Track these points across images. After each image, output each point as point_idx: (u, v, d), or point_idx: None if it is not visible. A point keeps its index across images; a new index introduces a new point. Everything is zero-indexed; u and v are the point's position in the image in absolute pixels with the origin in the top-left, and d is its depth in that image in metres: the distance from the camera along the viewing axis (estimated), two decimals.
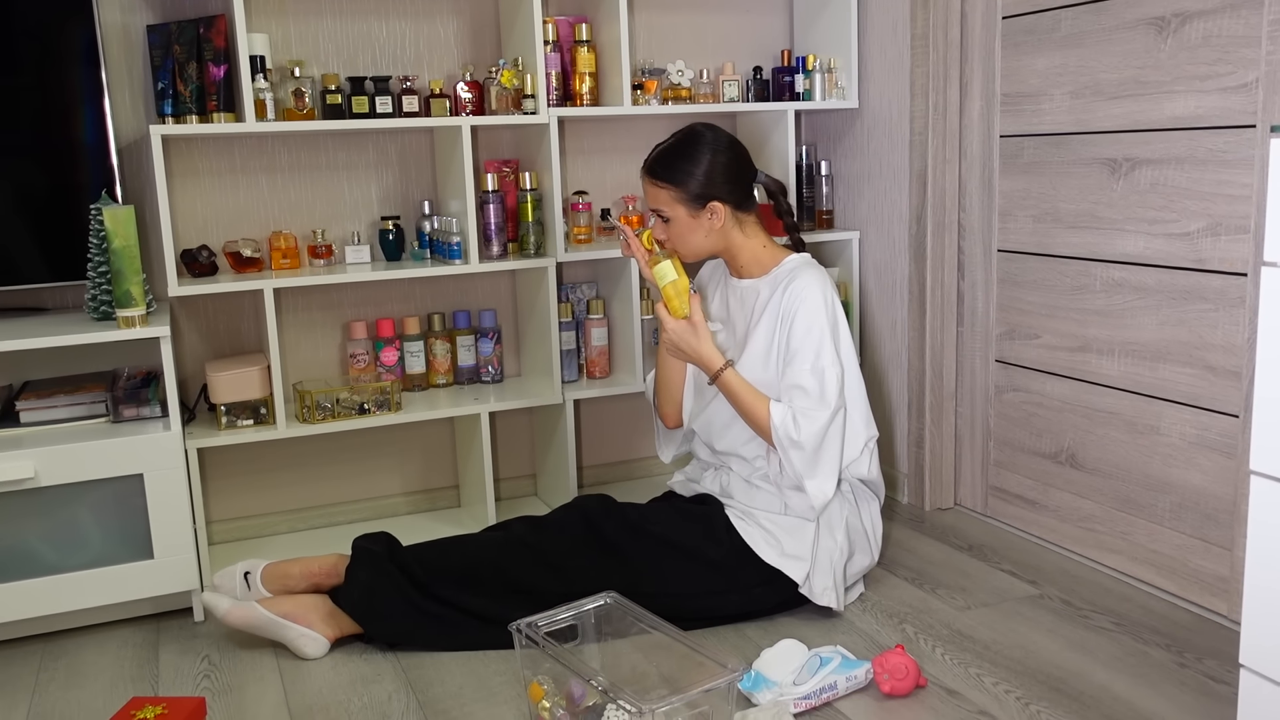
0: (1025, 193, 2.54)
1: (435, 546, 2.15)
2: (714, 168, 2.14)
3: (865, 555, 2.26)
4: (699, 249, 2.20)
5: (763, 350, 2.15)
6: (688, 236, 2.18)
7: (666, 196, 2.15)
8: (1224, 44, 2.04)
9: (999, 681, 1.94)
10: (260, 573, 2.17)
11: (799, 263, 2.20)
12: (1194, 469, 2.19)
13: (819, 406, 2.07)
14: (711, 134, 2.17)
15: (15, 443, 2.14)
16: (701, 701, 1.67)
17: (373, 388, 2.56)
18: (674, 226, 2.17)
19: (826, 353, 2.09)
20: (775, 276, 2.19)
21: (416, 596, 2.07)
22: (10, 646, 2.20)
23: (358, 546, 2.15)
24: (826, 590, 2.14)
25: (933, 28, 2.61)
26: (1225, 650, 2.02)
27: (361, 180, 2.73)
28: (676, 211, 2.15)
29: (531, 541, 2.11)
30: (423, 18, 2.73)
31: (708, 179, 2.13)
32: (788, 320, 2.11)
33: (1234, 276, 2.07)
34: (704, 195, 2.14)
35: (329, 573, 2.17)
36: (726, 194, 2.16)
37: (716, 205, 2.15)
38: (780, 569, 2.11)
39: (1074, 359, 2.45)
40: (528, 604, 1.96)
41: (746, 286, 2.23)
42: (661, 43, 2.97)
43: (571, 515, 2.16)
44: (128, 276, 2.16)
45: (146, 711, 1.81)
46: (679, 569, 2.11)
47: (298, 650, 2.09)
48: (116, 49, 2.47)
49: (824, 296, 2.12)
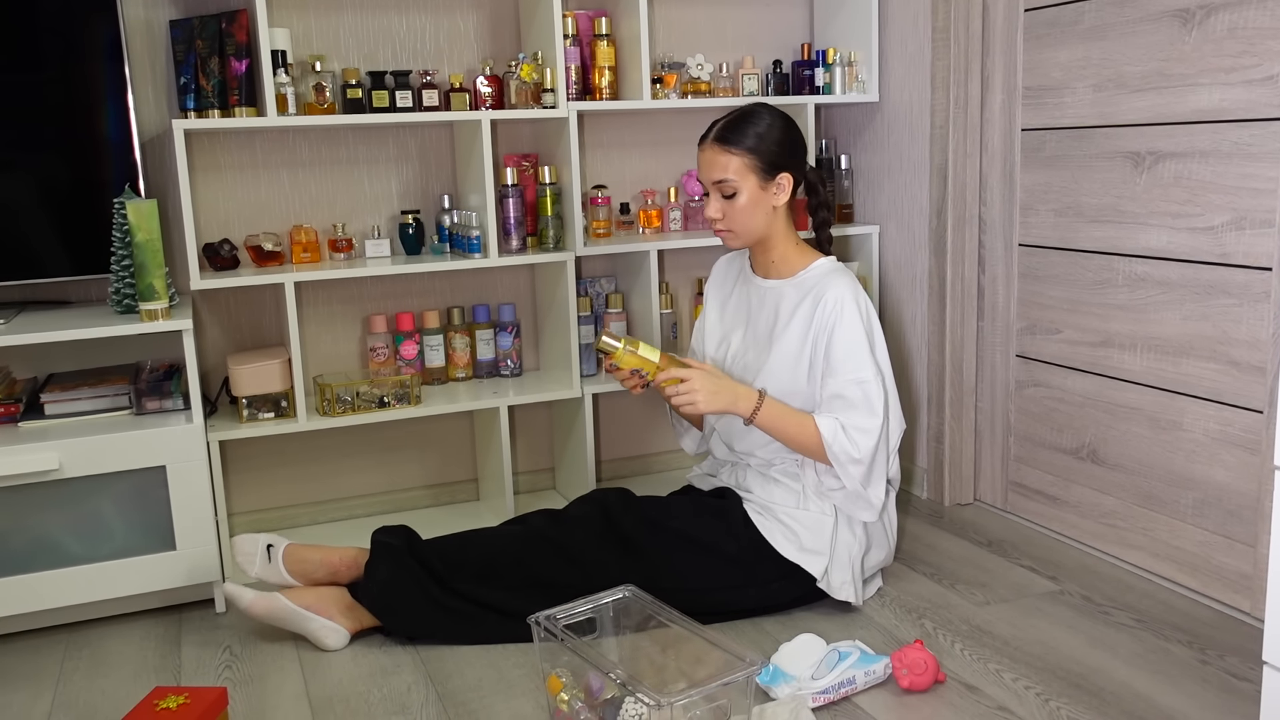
0: (1047, 186, 2.53)
1: (455, 540, 2.16)
2: (785, 137, 2.12)
3: (882, 549, 2.25)
4: (757, 229, 2.14)
5: (792, 356, 2.12)
6: (753, 212, 2.11)
7: (739, 164, 2.09)
8: (1249, 36, 2.02)
9: (1018, 677, 1.93)
10: (283, 551, 2.18)
11: (828, 268, 2.16)
12: (1217, 465, 2.17)
13: (868, 418, 2.06)
14: (770, 108, 2.16)
15: (40, 435, 2.16)
16: (720, 695, 1.67)
17: (392, 381, 2.57)
18: (740, 201, 2.10)
19: (867, 364, 2.07)
20: (803, 281, 2.15)
21: (436, 591, 2.08)
22: (35, 636, 2.23)
23: (377, 541, 2.15)
24: (845, 585, 2.13)
25: (954, 20, 2.60)
26: (1248, 647, 2.00)
27: (381, 174, 2.74)
28: (747, 181, 2.10)
29: (552, 535, 2.12)
30: (442, 12, 2.73)
31: (780, 147, 2.10)
32: (825, 332, 2.08)
33: (1259, 271, 2.05)
34: (776, 164, 2.10)
35: (348, 565, 2.18)
36: (794, 166, 2.13)
37: (785, 177, 2.11)
38: (799, 563, 2.11)
39: (1096, 354, 2.43)
40: (546, 597, 1.97)
41: (770, 287, 2.20)
42: (681, 36, 2.97)
43: (591, 509, 2.17)
44: (150, 270, 2.17)
45: (169, 701, 1.82)
46: (697, 563, 2.11)
47: (319, 642, 2.10)
48: (140, 44, 2.49)
49: (859, 306, 2.10)
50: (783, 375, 2.13)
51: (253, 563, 2.17)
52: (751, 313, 2.24)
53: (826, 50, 2.89)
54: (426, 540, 2.16)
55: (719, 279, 2.37)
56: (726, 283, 2.34)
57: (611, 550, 2.10)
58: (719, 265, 2.39)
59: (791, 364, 2.12)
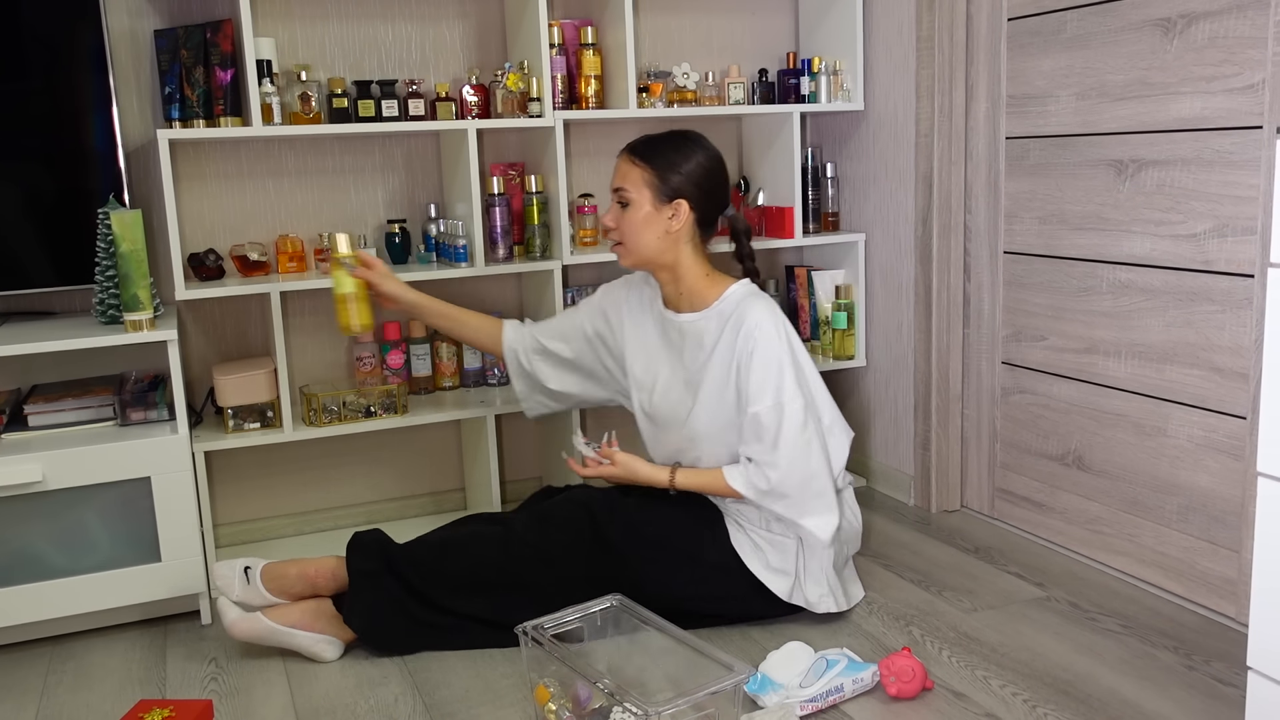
0: (1031, 194, 2.54)
1: (432, 548, 2.13)
2: (696, 168, 2.10)
3: (853, 544, 2.27)
4: (646, 248, 2.12)
5: (719, 388, 2.10)
6: (642, 229, 2.10)
7: (638, 177, 2.09)
8: (1230, 45, 2.04)
9: (1006, 684, 1.93)
10: (260, 570, 2.17)
11: (744, 293, 2.12)
12: (1201, 471, 2.18)
13: (774, 450, 2.03)
14: (705, 140, 2.15)
15: (23, 446, 2.15)
16: (707, 704, 1.67)
17: (379, 391, 2.57)
18: (632, 213, 2.09)
19: (785, 387, 2.04)
20: (721, 310, 2.12)
21: (416, 608, 2.07)
22: (19, 649, 2.21)
23: (353, 569, 2.11)
24: (824, 598, 2.13)
25: (938, 29, 2.61)
26: (1233, 653, 2.01)
27: (368, 184, 2.74)
28: (642, 195, 2.09)
29: (533, 540, 2.10)
30: (428, 21, 2.73)
31: (686, 175, 2.09)
32: (745, 359, 2.06)
33: (1241, 278, 2.07)
34: (677, 190, 2.09)
35: (326, 576, 2.16)
36: (696, 200, 2.11)
37: (683, 205, 2.09)
38: (764, 583, 2.11)
39: (1081, 361, 2.44)
40: (528, 600, 1.98)
41: (689, 321, 2.16)
42: (667, 45, 2.98)
43: (576, 511, 2.14)
44: (135, 280, 2.17)
45: (154, 714, 1.82)
46: (677, 571, 2.11)
47: (315, 656, 2.09)
48: (124, 54, 2.48)
49: (777, 329, 2.07)
50: (714, 409, 2.11)
51: (232, 588, 2.15)
52: (673, 347, 2.20)
53: (812, 59, 2.91)
54: (401, 547, 2.13)
55: (629, 303, 2.28)
56: (636, 310, 2.27)
57: (594, 555, 2.09)
58: (620, 289, 2.31)
59: (719, 396, 2.10)
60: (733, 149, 3.11)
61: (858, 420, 3.08)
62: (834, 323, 2.93)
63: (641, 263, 2.16)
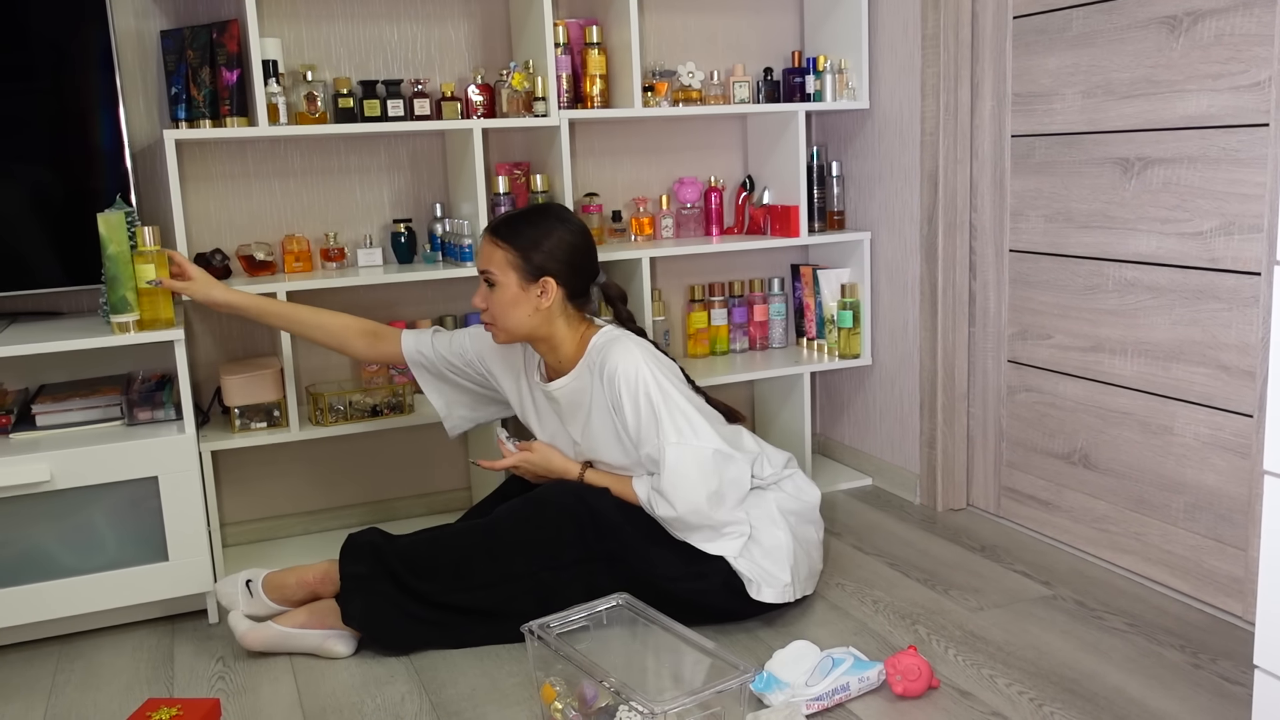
0: (1037, 192, 2.54)
1: (424, 545, 2.12)
2: (558, 244, 2.08)
3: (815, 526, 2.24)
4: (518, 326, 2.10)
5: (610, 436, 2.12)
6: (510, 309, 2.08)
7: (502, 258, 2.06)
8: (1236, 42, 2.04)
9: (1012, 683, 1.93)
10: (261, 581, 2.19)
11: (604, 340, 2.11)
12: (1208, 469, 2.18)
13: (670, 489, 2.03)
14: (565, 214, 2.14)
15: (31, 446, 2.16)
16: (714, 702, 1.67)
17: (385, 390, 2.57)
18: (499, 294, 2.07)
19: (666, 429, 2.03)
20: (589, 363, 2.12)
21: (413, 607, 2.08)
22: (27, 648, 2.22)
23: (345, 574, 2.11)
24: (786, 587, 2.10)
25: (943, 28, 2.61)
26: (1240, 651, 2.01)
27: (374, 183, 2.74)
28: (508, 278, 2.06)
29: (528, 528, 2.10)
30: (434, 21, 2.74)
31: (549, 253, 2.07)
32: (617, 406, 2.07)
33: (1247, 276, 2.06)
34: (543, 269, 2.07)
35: (323, 580, 2.18)
36: (563, 275, 2.08)
37: (550, 283, 2.07)
38: (736, 569, 2.09)
39: (1087, 359, 2.44)
40: (525, 589, 1.99)
41: (558, 389, 2.16)
42: (672, 44, 2.98)
43: (570, 499, 2.13)
44: (122, 282, 2.15)
45: (162, 713, 1.82)
46: (664, 553, 2.10)
47: (329, 652, 2.10)
48: (131, 55, 2.49)
49: (637, 369, 2.05)
50: (613, 455, 2.14)
51: (236, 602, 2.17)
52: (554, 410, 2.22)
53: (817, 58, 2.90)
54: (394, 546, 2.12)
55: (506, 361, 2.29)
56: (511, 371, 2.29)
57: (586, 537, 2.09)
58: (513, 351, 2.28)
59: (613, 443, 2.13)
60: (738, 148, 3.11)
61: (862, 419, 3.08)
62: (839, 321, 2.93)
63: (516, 339, 2.16)
